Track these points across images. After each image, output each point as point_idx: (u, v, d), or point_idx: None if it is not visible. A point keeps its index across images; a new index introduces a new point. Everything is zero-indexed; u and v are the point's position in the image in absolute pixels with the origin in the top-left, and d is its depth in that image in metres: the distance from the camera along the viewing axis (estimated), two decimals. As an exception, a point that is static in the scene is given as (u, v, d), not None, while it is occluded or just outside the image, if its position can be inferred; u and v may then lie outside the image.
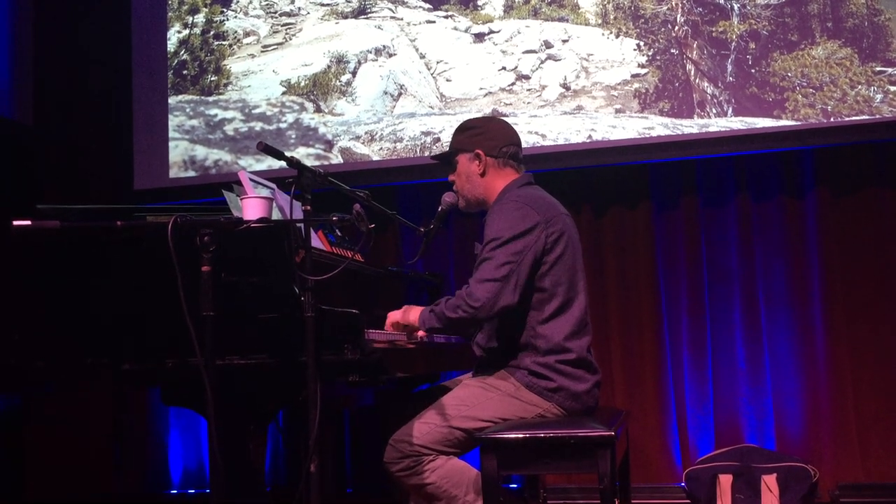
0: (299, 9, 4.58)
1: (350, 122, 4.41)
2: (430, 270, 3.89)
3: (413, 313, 2.65)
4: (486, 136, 2.75)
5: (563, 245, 2.63)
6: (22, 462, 4.55)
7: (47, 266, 2.58)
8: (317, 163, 4.35)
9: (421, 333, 2.68)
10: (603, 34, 4.18)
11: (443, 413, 2.54)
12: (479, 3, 4.35)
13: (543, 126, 4.16)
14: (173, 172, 4.60)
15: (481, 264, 2.56)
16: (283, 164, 2.25)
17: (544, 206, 2.65)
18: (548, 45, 4.24)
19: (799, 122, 3.90)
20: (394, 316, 2.68)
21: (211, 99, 4.61)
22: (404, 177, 4.30)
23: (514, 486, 4.01)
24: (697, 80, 4.04)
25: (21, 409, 4.53)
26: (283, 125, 4.49)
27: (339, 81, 4.45)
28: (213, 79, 4.62)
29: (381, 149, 4.34)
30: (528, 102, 4.20)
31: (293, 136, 4.46)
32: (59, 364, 2.54)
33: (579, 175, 4.20)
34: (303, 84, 4.50)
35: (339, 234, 3.10)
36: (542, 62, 4.23)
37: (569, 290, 2.63)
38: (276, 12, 4.61)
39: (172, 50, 4.69)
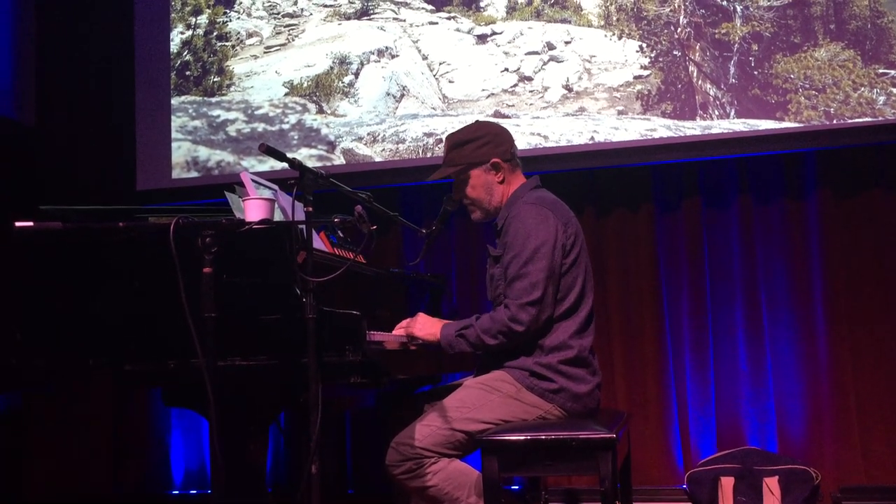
0: (302, 10, 4.58)
1: (352, 123, 4.41)
2: (432, 272, 3.89)
3: (433, 330, 2.63)
4: (494, 142, 2.73)
5: (578, 248, 2.65)
6: (22, 462, 4.55)
7: (49, 266, 2.58)
8: (319, 164, 4.35)
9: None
10: (605, 36, 4.18)
11: (444, 415, 2.54)
12: (482, 4, 4.35)
13: (546, 128, 4.15)
14: (176, 173, 4.60)
15: (514, 282, 2.54)
16: (285, 165, 2.25)
17: (559, 209, 2.67)
18: (550, 46, 4.24)
19: (801, 125, 3.89)
20: (413, 330, 2.66)
21: (214, 100, 4.62)
22: (406, 178, 4.30)
23: (516, 487, 4.01)
24: (700, 82, 4.04)
25: (22, 409, 4.53)
26: (285, 126, 4.49)
27: (342, 82, 4.46)
28: (215, 80, 4.63)
29: (383, 150, 4.35)
30: (531, 104, 4.20)
31: (295, 137, 4.46)
32: (61, 364, 2.54)
33: (581, 177, 4.19)
34: (305, 85, 4.50)
35: (341, 235, 3.10)
36: (545, 64, 4.23)
37: (579, 293, 2.63)
38: (278, 13, 4.61)
39: (175, 51, 4.69)
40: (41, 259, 2.58)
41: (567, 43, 4.22)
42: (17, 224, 2.05)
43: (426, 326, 2.66)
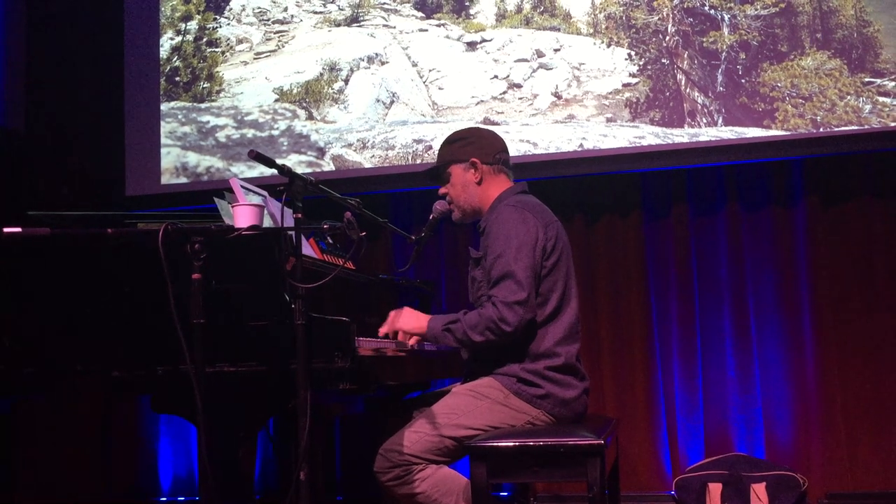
0: (292, 16, 4.59)
1: (342, 129, 4.41)
2: (421, 278, 3.90)
3: (419, 323, 2.63)
4: (479, 144, 2.77)
5: (559, 251, 2.66)
6: (11, 469, 4.53)
7: (38, 272, 2.57)
8: (309, 170, 4.36)
9: (412, 341, 2.68)
10: (594, 43, 4.20)
11: (433, 422, 2.54)
12: (472, 11, 4.36)
13: (535, 134, 4.17)
14: (165, 179, 4.60)
15: (500, 282, 2.55)
16: (274, 171, 2.25)
17: (540, 212, 2.68)
18: (539, 53, 4.26)
19: (788, 132, 3.92)
20: (399, 323, 2.65)
21: (203, 106, 4.62)
22: (396, 184, 4.31)
23: (505, 494, 4.02)
24: (688, 90, 4.06)
25: (11, 415, 4.52)
26: (275, 132, 4.49)
27: (332, 89, 4.46)
28: (205, 85, 4.63)
29: (373, 156, 4.35)
30: (520, 111, 4.22)
31: (285, 144, 4.46)
32: (50, 371, 2.53)
33: (570, 184, 4.21)
34: (295, 91, 4.50)
35: (330, 241, 3.11)
36: (534, 71, 4.25)
37: (562, 296, 2.64)
38: (268, 20, 4.62)
39: (165, 56, 4.69)
40: (30, 265, 2.57)
41: (556, 50, 4.24)
42: (5, 230, 2.05)
43: (411, 320, 2.65)
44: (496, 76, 4.28)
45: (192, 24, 4.70)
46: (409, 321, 2.65)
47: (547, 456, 2.45)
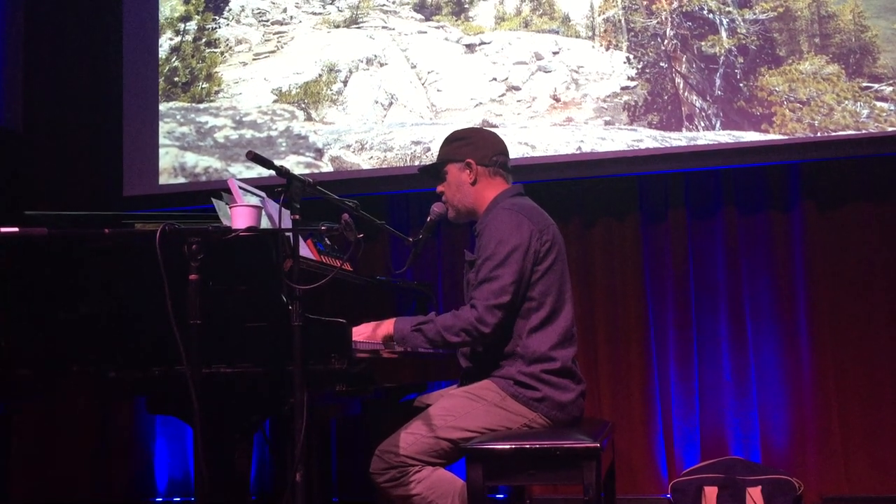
0: (291, 17, 4.59)
1: (341, 130, 4.42)
2: (418, 280, 3.90)
3: (383, 330, 2.64)
4: (476, 145, 2.78)
5: (554, 255, 2.66)
6: (7, 470, 4.52)
7: (34, 273, 2.57)
8: (307, 171, 4.36)
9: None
10: (593, 47, 4.20)
11: (429, 423, 2.54)
12: (471, 14, 4.37)
13: (533, 137, 4.17)
14: (163, 179, 4.60)
15: (484, 284, 2.56)
16: (272, 172, 2.25)
17: (536, 216, 2.69)
18: (538, 56, 4.26)
19: (786, 137, 3.93)
20: (361, 335, 2.64)
21: (202, 106, 4.61)
22: (394, 186, 4.31)
23: (501, 496, 4.01)
24: (686, 94, 4.07)
25: (6, 416, 4.50)
26: (273, 133, 4.49)
27: (331, 90, 4.46)
28: (204, 86, 4.63)
29: (371, 158, 4.35)
30: (518, 113, 4.22)
31: (284, 144, 4.46)
32: (45, 372, 2.53)
33: (568, 186, 4.21)
34: (294, 92, 4.50)
35: (328, 243, 3.11)
36: (533, 73, 4.25)
37: (556, 300, 2.64)
38: (267, 21, 4.62)
39: (164, 57, 4.69)
40: (26, 265, 2.57)
41: (555, 53, 4.25)
42: (2, 230, 2.05)
43: (369, 328, 2.64)
44: (495, 78, 4.29)
45: (192, 25, 4.70)
46: (375, 333, 2.64)
47: (543, 459, 2.45)
